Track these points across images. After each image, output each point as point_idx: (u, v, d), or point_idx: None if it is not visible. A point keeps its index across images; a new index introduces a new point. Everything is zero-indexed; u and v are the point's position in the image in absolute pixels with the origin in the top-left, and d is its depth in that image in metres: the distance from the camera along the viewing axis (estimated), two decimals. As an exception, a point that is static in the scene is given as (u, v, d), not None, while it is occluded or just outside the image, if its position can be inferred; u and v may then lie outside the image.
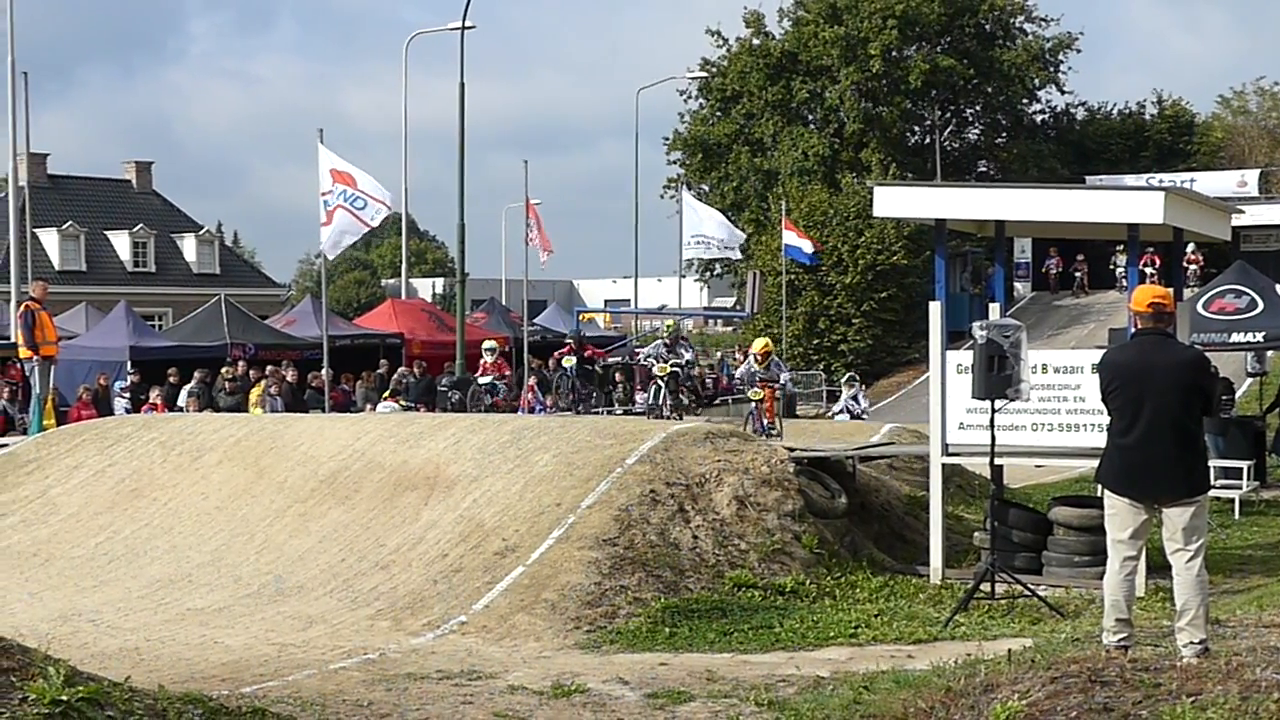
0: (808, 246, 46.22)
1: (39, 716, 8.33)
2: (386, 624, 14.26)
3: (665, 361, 24.86)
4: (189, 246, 69.08)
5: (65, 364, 25.52)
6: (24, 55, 49.80)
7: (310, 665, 12.52)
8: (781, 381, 23.48)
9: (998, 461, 15.66)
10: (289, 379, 31.42)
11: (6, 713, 8.22)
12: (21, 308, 23.67)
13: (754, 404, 23.14)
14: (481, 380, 28.67)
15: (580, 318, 41.22)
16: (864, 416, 31.50)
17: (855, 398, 32.26)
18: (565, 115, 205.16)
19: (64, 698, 8.50)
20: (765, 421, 22.75)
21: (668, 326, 26.69)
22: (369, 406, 31.54)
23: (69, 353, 29.55)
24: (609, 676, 11.85)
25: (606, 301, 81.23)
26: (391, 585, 15.29)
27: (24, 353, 22.91)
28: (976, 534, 17.33)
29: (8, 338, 33.03)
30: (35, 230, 49.29)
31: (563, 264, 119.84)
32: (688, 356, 25.36)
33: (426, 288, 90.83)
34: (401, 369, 35.89)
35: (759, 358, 23.40)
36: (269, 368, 32.33)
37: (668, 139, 64.53)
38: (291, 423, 21.11)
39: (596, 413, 28.50)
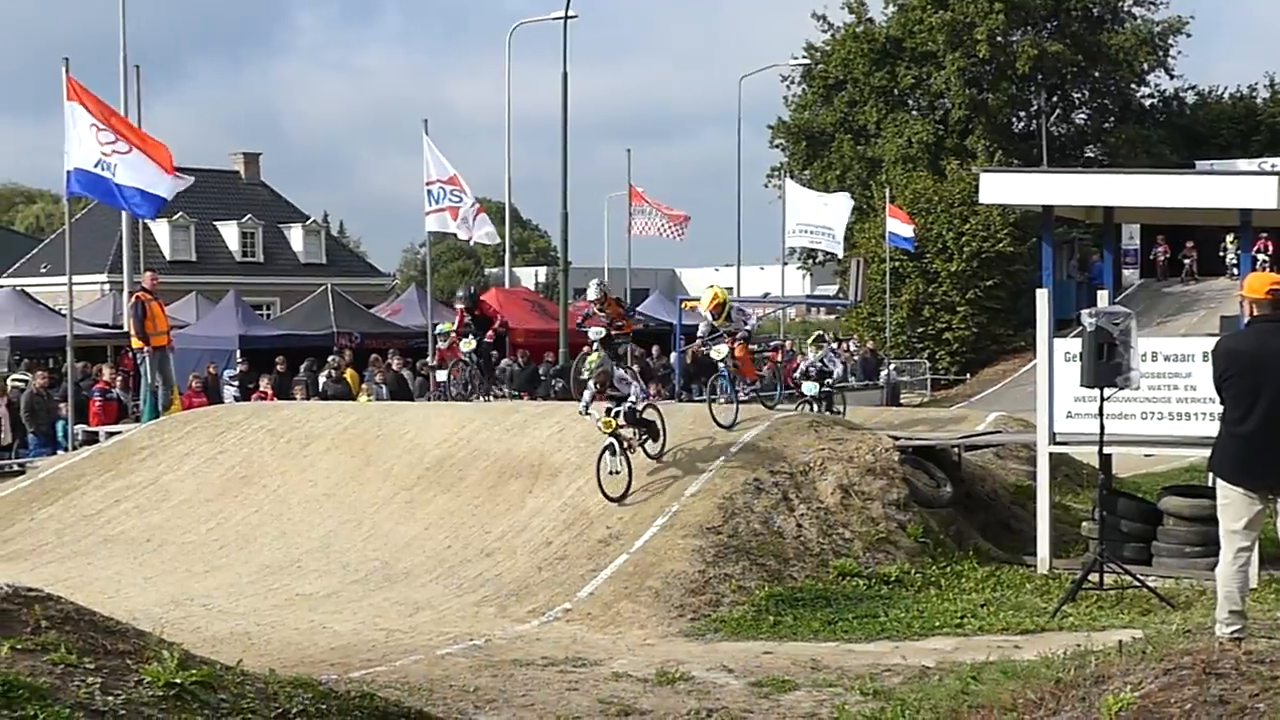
0: (907, 230, 45.70)
1: (154, 699, 8.46)
2: (492, 610, 14.36)
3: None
4: (296, 236, 69.81)
5: (176, 352, 25.83)
6: (135, 50, 50.56)
7: (417, 651, 12.64)
8: (748, 328, 19.36)
9: (1106, 450, 15.45)
10: (395, 367, 31.66)
11: (123, 695, 8.36)
12: (133, 298, 24.03)
13: (720, 365, 18.56)
14: (439, 375, 23.61)
15: (683, 305, 41.14)
16: (831, 377, 25.75)
17: (824, 359, 26.11)
18: (667, 103, 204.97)
19: (178, 680, 8.63)
20: (746, 381, 19.14)
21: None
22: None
23: (179, 341, 29.93)
24: (713, 664, 11.86)
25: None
26: (497, 572, 15.40)
27: (135, 343, 23.25)
28: (1085, 524, 17.12)
29: (121, 327, 33.59)
30: (146, 221, 49.98)
31: (665, 252, 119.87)
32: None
33: (529, 276, 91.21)
34: (505, 359, 36.04)
35: (714, 313, 18.96)
36: (373, 356, 32.62)
37: (771, 127, 64.29)
38: (397, 411, 21.29)
39: (500, 397, 24.15)
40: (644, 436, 16.93)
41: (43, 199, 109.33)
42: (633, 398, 16.70)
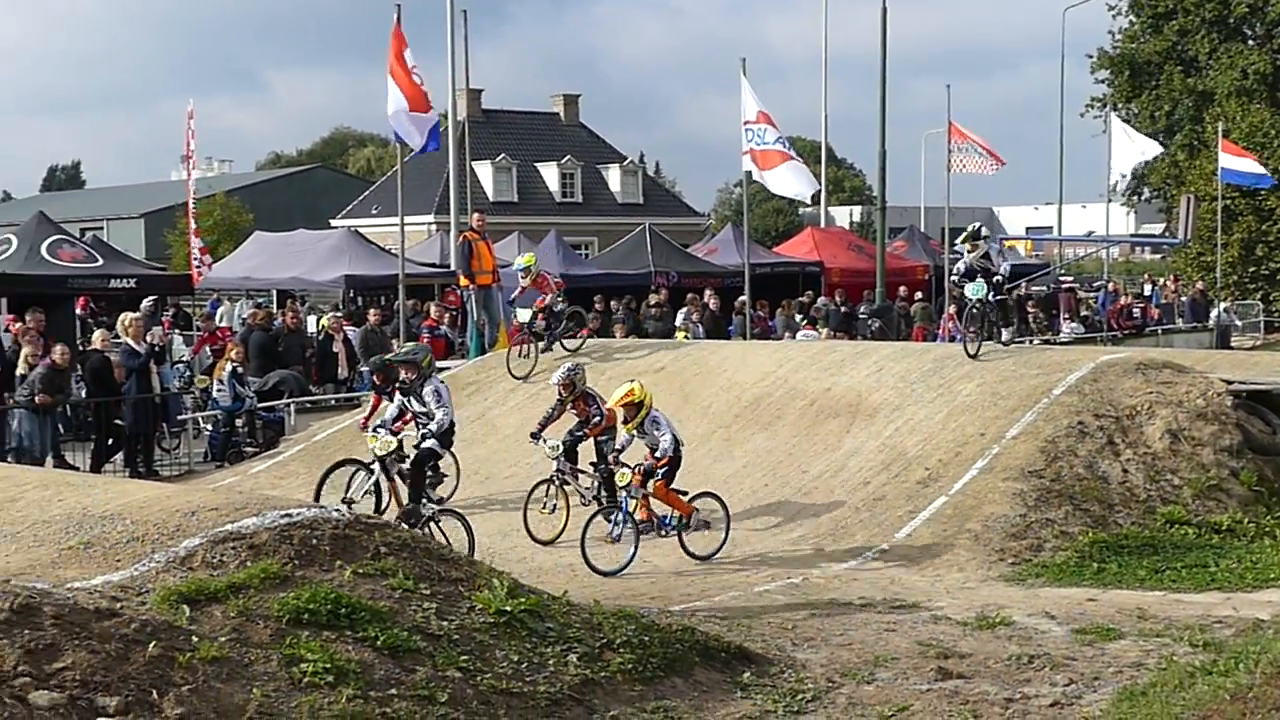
0: (1246, 165, 43.63)
1: (485, 625, 8.79)
2: (809, 550, 14.41)
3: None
4: (614, 177, 70.81)
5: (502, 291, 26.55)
6: (461, -6, 51.68)
7: (735, 587, 12.79)
8: (662, 448, 14.25)
9: None
10: (711, 306, 31.94)
11: (456, 620, 8.71)
12: (461, 238, 24.76)
13: (623, 493, 14.37)
14: (522, 314, 20.90)
15: (1003, 245, 40.38)
16: (1001, 276, 19.21)
17: (988, 255, 19.50)
18: (987, 37, 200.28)
19: (507, 608, 8.95)
20: (672, 519, 14.49)
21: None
22: (789, 334, 31.80)
23: (503, 280, 30.80)
24: (1034, 610, 11.67)
25: (1028, 229, 79.38)
26: (814, 512, 15.42)
27: (462, 281, 23.95)
28: None
29: (448, 266, 34.67)
30: (471, 163, 51.42)
31: (982, 190, 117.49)
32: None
33: (844, 216, 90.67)
34: (822, 298, 36.02)
35: (626, 412, 14.54)
36: (689, 295, 32.95)
37: (1091, 56, 62.28)
38: (715, 349, 21.46)
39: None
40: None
41: (372, 143, 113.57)
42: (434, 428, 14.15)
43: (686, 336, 28.11)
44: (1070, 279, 46.76)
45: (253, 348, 24.29)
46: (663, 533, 14.37)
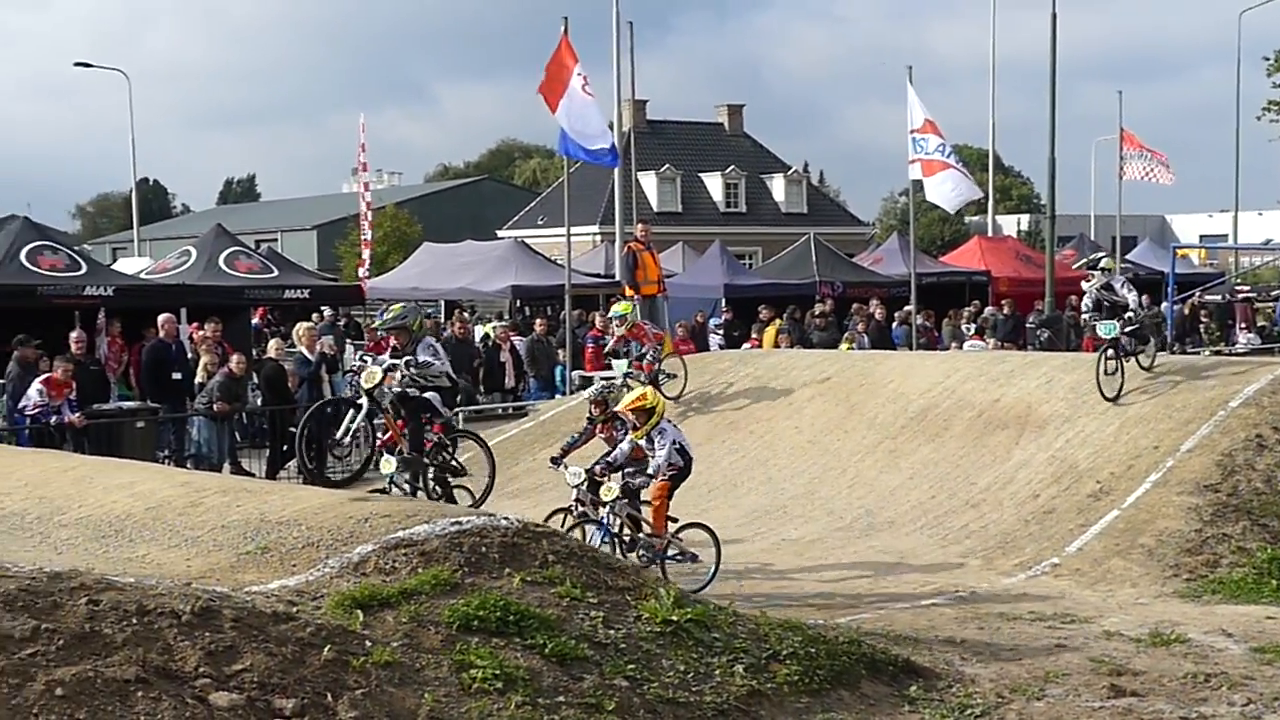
0: None
1: (652, 634, 8.83)
2: (977, 562, 14.25)
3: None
4: (778, 186, 70.74)
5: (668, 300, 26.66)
6: (627, 5, 52.13)
7: (902, 599, 12.69)
8: (655, 464, 13.37)
9: None
10: (877, 317, 31.71)
11: (623, 629, 8.76)
12: (625, 248, 24.89)
13: (606, 508, 13.36)
14: (618, 365, 20.15)
15: (1176, 254, 39.53)
16: (1133, 310, 17.53)
17: (1109, 286, 17.73)
18: (1159, 41, 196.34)
19: (674, 618, 8.99)
20: (647, 541, 13.48)
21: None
22: (955, 344, 31.45)
23: (668, 289, 30.89)
24: (1210, 627, 11.41)
25: (1201, 237, 77.64)
26: (982, 524, 15.26)
27: (627, 291, 24.07)
28: None
29: (612, 276, 34.87)
30: (636, 173, 51.66)
31: (1155, 197, 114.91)
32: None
33: (1011, 225, 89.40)
34: (989, 307, 35.58)
35: (636, 417, 13.53)
36: (854, 305, 32.74)
37: (1268, 58, 60.67)
38: (881, 360, 21.31)
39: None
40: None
41: (538, 154, 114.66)
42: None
43: (851, 347, 27.92)
44: (1246, 288, 45.64)
45: (421, 357, 24.62)
46: (649, 562, 13.15)
